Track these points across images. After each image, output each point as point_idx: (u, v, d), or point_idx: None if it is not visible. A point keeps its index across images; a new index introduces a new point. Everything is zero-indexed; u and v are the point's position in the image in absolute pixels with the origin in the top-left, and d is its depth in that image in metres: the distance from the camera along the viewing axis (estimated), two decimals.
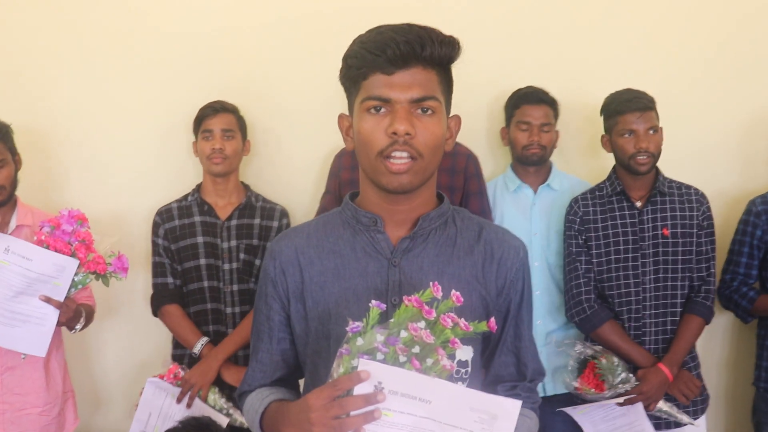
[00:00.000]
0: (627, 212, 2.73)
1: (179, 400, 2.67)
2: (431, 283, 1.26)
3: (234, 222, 2.87)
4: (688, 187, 2.78)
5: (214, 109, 2.84)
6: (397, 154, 1.35)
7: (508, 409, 1.24)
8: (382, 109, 1.36)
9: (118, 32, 3.08)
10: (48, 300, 2.37)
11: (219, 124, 2.83)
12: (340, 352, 1.23)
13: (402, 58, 1.33)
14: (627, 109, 2.66)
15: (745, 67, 3.11)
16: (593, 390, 2.63)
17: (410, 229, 1.46)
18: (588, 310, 2.71)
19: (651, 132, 2.65)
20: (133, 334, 3.16)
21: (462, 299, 1.26)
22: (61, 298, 2.39)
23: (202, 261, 2.83)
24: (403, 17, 2.94)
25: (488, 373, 1.56)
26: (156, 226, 2.88)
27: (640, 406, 2.61)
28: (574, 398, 2.77)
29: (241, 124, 2.92)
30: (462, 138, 2.93)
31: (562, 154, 3.11)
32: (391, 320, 1.23)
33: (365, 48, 1.35)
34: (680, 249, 2.69)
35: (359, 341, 1.21)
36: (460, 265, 1.46)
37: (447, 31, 3.05)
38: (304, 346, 1.50)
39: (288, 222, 2.92)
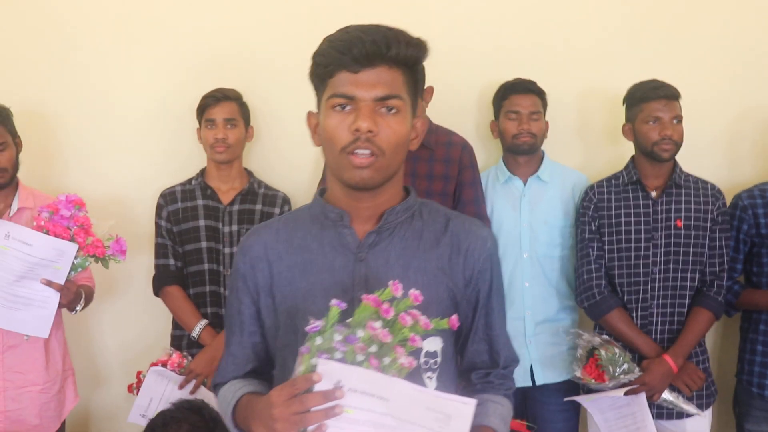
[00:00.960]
0: (641, 202, 2.75)
1: (182, 387, 2.72)
2: (390, 282, 1.28)
3: (236, 207, 2.90)
4: (705, 181, 2.79)
5: (216, 98, 2.86)
6: (360, 151, 1.37)
7: (462, 409, 1.26)
8: (348, 107, 1.38)
9: (124, 17, 3.10)
10: (49, 283, 2.42)
11: (221, 113, 2.85)
12: (300, 350, 1.26)
13: (367, 56, 1.35)
14: (654, 97, 2.68)
15: (736, 63, 3.09)
16: (594, 380, 2.65)
17: (376, 223, 1.48)
18: (597, 296, 2.73)
19: (675, 122, 2.67)
20: (132, 314, 3.21)
21: (421, 298, 1.27)
22: (62, 281, 2.44)
23: (203, 244, 2.86)
24: (398, 10, 2.98)
25: (462, 361, 1.59)
26: (159, 208, 2.92)
27: (642, 396, 2.63)
28: (569, 385, 2.80)
29: (244, 112, 2.94)
30: (453, 129, 2.95)
31: (582, 140, 3.13)
32: (349, 320, 1.26)
33: (332, 46, 1.37)
34: (692, 242, 2.70)
35: (318, 340, 1.24)
36: (426, 258, 1.47)
37: (438, 25, 3.09)
38: (274, 340, 1.53)
39: (290, 209, 2.94)
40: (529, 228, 2.90)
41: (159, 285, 2.90)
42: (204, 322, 2.81)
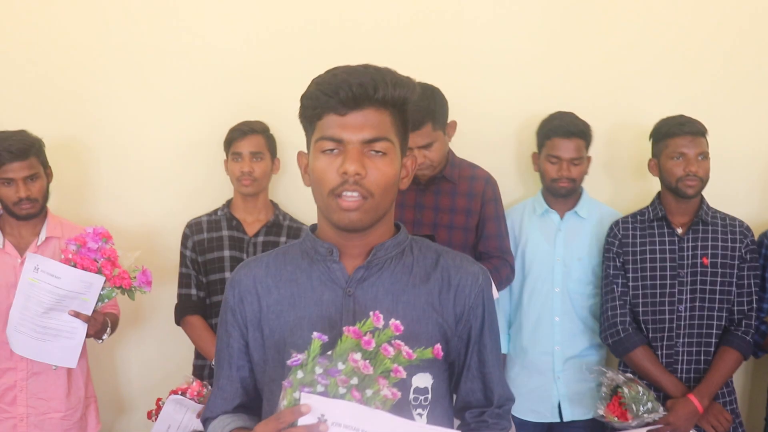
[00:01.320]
0: (667, 238, 2.71)
1: (200, 416, 2.72)
2: (371, 313, 1.27)
3: (261, 239, 2.92)
4: (733, 218, 2.74)
5: (243, 132, 2.89)
6: (348, 193, 1.37)
7: None
8: (335, 150, 1.38)
9: (152, 49, 3.16)
10: (77, 315, 2.46)
11: (248, 147, 2.88)
12: (283, 384, 1.26)
13: (354, 99, 1.35)
14: (679, 133, 2.66)
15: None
16: (617, 419, 2.60)
17: (365, 258, 1.47)
18: (622, 332, 2.69)
19: (701, 158, 2.64)
20: (157, 344, 3.24)
21: (402, 328, 1.26)
22: (89, 313, 2.48)
23: (227, 275, 2.88)
24: (431, 45, 2.97)
25: (457, 400, 1.57)
26: (185, 238, 2.95)
27: None
28: (594, 424, 2.75)
29: (270, 144, 2.96)
30: (492, 161, 2.97)
31: (610, 175, 3.10)
32: (329, 352, 1.25)
33: (320, 89, 1.38)
34: (719, 279, 2.65)
35: (299, 374, 1.23)
36: (415, 294, 1.47)
37: (478, 54, 3.07)
38: (262, 374, 1.52)
39: None
40: (562, 263, 2.87)
41: (181, 314, 2.92)
42: None
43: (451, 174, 2.74)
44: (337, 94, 1.35)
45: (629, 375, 2.67)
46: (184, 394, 2.74)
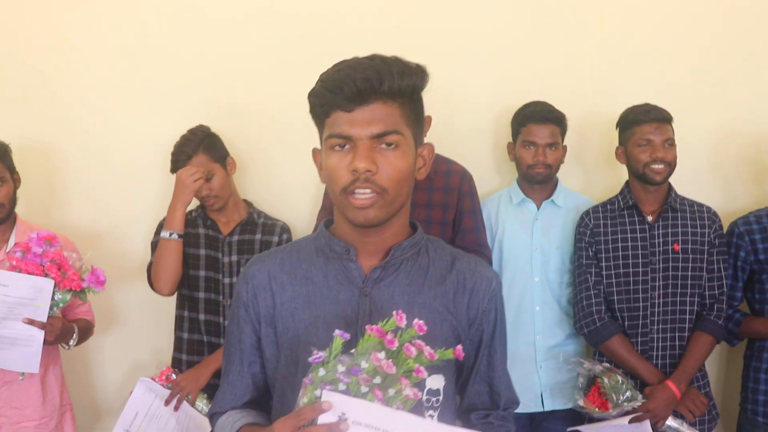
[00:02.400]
0: (638, 226, 2.74)
1: (167, 403, 2.71)
2: (395, 312, 1.26)
3: (236, 237, 2.89)
4: (701, 205, 2.78)
5: (182, 161, 2.78)
6: (360, 191, 1.35)
7: None
8: (346, 146, 1.36)
9: (122, 49, 3.12)
10: (31, 322, 2.41)
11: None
12: (304, 381, 1.24)
13: (360, 94, 1.33)
14: (645, 120, 2.69)
15: (724, 84, 3.11)
16: (597, 409, 2.63)
17: (382, 258, 1.46)
18: (597, 322, 2.71)
19: (667, 144, 2.68)
20: (132, 348, 3.20)
21: (425, 328, 1.26)
22: (44, 319, 2.43)
23: (202, 272, 2.86)
24: (404, 35, 2.98)
25: (462, 402, 1.57)
26: (159, 227, 2.88)
27: (647, 424, 2.61)
28: (574, 413, 2.77)
29: (215, 154, 2.83)
30: (468, 152, 3.00)
31: (581, 164, 3.12)
32: (352, 351, 1.24)
33: (325, 86, 1.36)
34: (690, 265, 2.69)
35: (321, 371, 1.22)
36: (431, 295, 1.46)
37: (451, 45, 3.08)
38: (274, 371, 1.51)
39: (289, 237, 2.93)
40: (540, 252, 2.88)
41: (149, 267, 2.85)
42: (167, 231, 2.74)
43: None
44: (342, 90, 1.33)
45: (607, 364, 2.70)
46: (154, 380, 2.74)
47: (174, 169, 2.81)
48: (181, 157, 2.79)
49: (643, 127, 2.69)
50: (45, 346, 2.51)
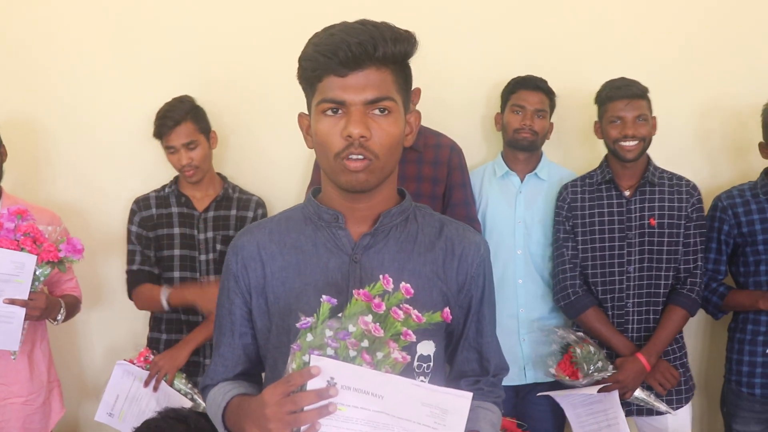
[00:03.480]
0: (615, 201, 2.75)
1: (146, 384, 2.71)
2: (381, 276, 1.27)
3: (211, 213, 2.88)
4: (680, 178, 2.78)
5: (169, 126, 2.77)
6: (354, 156, 1.35)
7: (458, 403, 1.25)
8: (339, 111, 1.36)
9: (108, 23, 3.09)
10: (12, 301, 2.38)
11: (179, 139, 2.77)
12: (292, 348, 1.25)
13: (354, 59, 1.32)
14: (616, 96, 2.69)
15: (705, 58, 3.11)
16: (568, 377, 2.67)
17: (371, 225, 1.47)
18: (572, 295, 2.74)
19: (639, 120, 2.67)
20: (119, 324, 3.19)
21: (412, 291, 1.26)
22: (25, 295, 2.40)
23: (177, 251, 2.85)
24: (392, 10, 2.96)
25: (452, 369, 1.58)
26: (132, 214, 2.90)
27: (615, 394, 2.63)
28: (558, 386, 2.79)
29: (201, 125, 2.83)
30: (457, 126, 2.99)
31: (560, 143, 3.12)
32: (339, 314, 1.24)
33: (318, 51, 1.34)
34: (666, 239, 2.70)
35: (309, 337, 1.23)
36: (420, 262, 1.47)
37: (444, 20, 3.06)
38: (266, 341, 1.51)
39: (264, 212, 2.93)
40: (523, 225, 2.89)
41: (130, 288, 2.89)
42: (167, 289, 2.77)
43: (416, 143, 2.72)
44: (336, 55, 1.32)
45: (581, 334, 2.72)
46: (131, 362, 2.73)
47: (158, 133, 2.80)
48: (168, 122, 2.77)
49: (615, 103, 2.69)
50: (32, 322, 2.50)
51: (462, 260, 1.50)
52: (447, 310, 1.30)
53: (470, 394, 1.26)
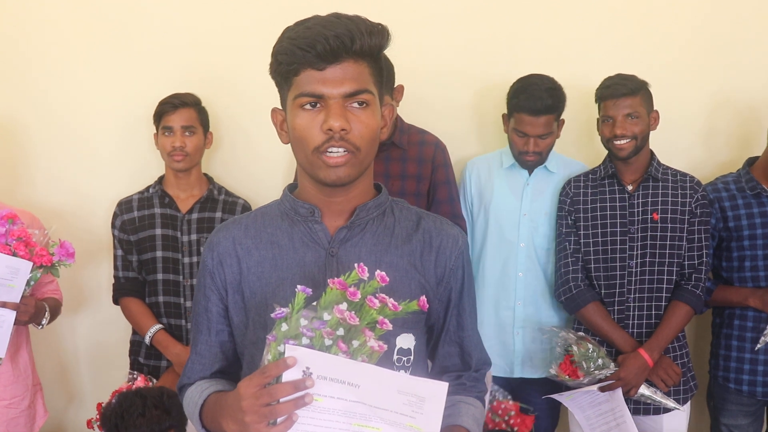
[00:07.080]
0: (617, 195, 2.74)
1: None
2: (356, 265, 1.26)
3: (195, 215, 2.86)
4: (684, 174, 2.77)
5: (174, 105, 2.80)
6: (334, 149, 1.35)
7: (435, 391, 1.24)
8: (317, 105, 1.35)
9: (88, 21, 3.07)
10: (3, 304, 2.36)
11: (179, 121, 2.80)
12: (267, 339, 1.23)
13: (332, 53, 1.31)
14: (605, 96, 2.68)
15: (709, 53, 3.09)
16: (569, 377, 2.64)
17: (348, 219, 1.46)
18: (574, 289, 2.72)
19: (631, 118, 2.64)
20: (102, 327, 3.17)
21: (387, 279, 1.25)
22: (17, 299, 2.39)
23: (159, 253, 2.83)
24: (374, 8, 2.94)
25: (433, 364, 1.57)
26: (114, 217, 2.89)
27: (619, 392, 2.62)
28: (550, 382, 2.78)
29: (203, 118, 2.88)
30: (442, 124, 2.96)
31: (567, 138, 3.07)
32: (314, 303, 1.23)
33: (295, 44, 1.33)
34: (669, 235, 2.68)
35: (284, 327, 1.21)
36: (397, 254, 1.46)
37: (422, 13, 3.02)
38: (243, 337, 1.50)
39: None
40: (528, 218, 2.86)
41: (115, 296, 2.90)
42: (156, 327, 2.79)
43: (400, 140, 2.73)
44: (313, 48, 1.31)
45: (580, 333, 2.71)
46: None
47: (159, 112, 2.81)
48: (174, 101, 2.80)
49: (605, 103, 2.68)
50: (16, 327, 2.47)
51: (440, 253, 1.49)
52: (423, 298, 1.28)
53: (446, 383, 1.25)
